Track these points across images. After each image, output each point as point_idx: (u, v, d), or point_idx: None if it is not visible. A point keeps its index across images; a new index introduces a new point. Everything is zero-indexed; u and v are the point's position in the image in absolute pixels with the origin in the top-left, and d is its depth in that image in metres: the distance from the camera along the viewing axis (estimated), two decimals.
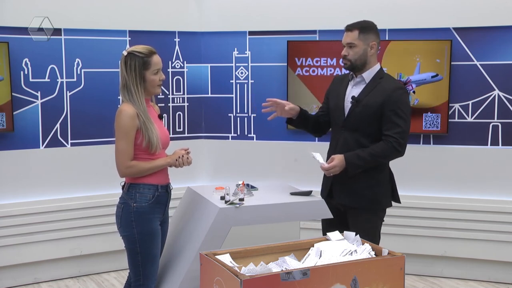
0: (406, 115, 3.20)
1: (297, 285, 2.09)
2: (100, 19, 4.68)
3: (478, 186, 4.58)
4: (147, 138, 2.91)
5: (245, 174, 4.28)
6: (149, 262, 2.98)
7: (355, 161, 3.16)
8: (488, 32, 4.48)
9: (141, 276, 2.98)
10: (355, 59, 3.23)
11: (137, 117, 2.90)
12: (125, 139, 2.90)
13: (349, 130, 3.26)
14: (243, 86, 5.04)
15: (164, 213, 3.09)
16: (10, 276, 4.45)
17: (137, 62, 2.93)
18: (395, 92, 3.20)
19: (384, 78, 3.27)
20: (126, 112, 2.90)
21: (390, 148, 3.16)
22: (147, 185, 2.97)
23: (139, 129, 2.91)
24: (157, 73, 2.98)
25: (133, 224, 2.94)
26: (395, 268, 2.29)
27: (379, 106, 3.18)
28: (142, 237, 2.94)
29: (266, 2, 4.95)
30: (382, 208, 3.33)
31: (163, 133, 3.05)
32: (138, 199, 2.95)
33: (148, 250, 2.96)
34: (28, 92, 4.47)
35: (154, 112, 3.08)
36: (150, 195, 2.97)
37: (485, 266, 4.57)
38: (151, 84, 2.97)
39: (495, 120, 4.52)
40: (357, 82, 3.30)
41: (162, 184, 3.03)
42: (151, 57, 2.96)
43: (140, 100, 2.93)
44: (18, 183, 4.48)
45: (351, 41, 3.23)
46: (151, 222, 2.97)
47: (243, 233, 3.28)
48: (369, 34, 3.24)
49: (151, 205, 2.97)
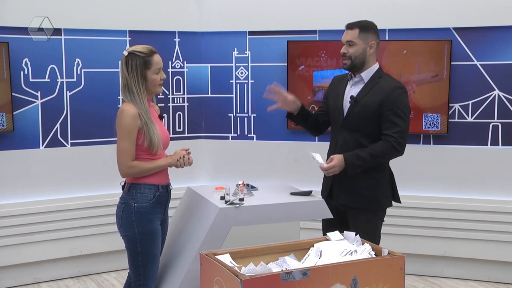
0: (406, 114, 3.20)
1: (297, 285, 2.09)
2: (100, 19, 4.68)
3: (478, 186, 4.58)
4: (149, 138, 2.91)
5: (245, 174, 4.28)
6: (150, 262, 2.98)
7: (354, 161, 3.16)
8: (488, 32, 4.48)
9: (142, 276, 2.98)
10: (354, 57, 3.23)
11: (139, 117, 2.90)
12: (127, 139, 2.90)
13: (348, 130, 3.26)
14: (243, 86, 5.05)
15: (164, 213, 3.09)
16: (10, 276, 4.45)
17: (138, 61, 2.93)
18: (394, 91, 3.20)
19: (383, 77, 3.27)
20: (128, 112, 2.90)
21: (389, 147, 3.16)
22: (148, 185, 2.97)
23: (141, 129, 2.91)
24: (158, 73, 2.98)
25: (134, 224, 2.94)
26: (395, 268, 2.29)
27: (378, 106, 3.18)
28: (143, 237, 2.94)
29: (266, 2, 4.95)
30: (382, 208, 3.32)
31: (163, 133, 3.05)
32: (139, 199, 2.95)
33: (148, 250, 2.96)
34: (28, 92, 4.47)
35: (154, 112, 3.08)
36: (151, 195, 2.97)
37: (485, 266, 4.57)
38: (153, 83, 2.98)
39: (495, 120, 4.52)
40: (355, 81, 3.30)
41: (163, 184, 3.03)
42: (152, 57, 2.96)
43: (142, 100, 2.93)
44: (18, 183, 4.48)
45: (351, 39, 3.24)
46: (152, 222, 2.97)
47: (243, 233, 3.28)
48: (369, 34, 3.24)
49: (152, 205, 2.97)
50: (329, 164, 3.17)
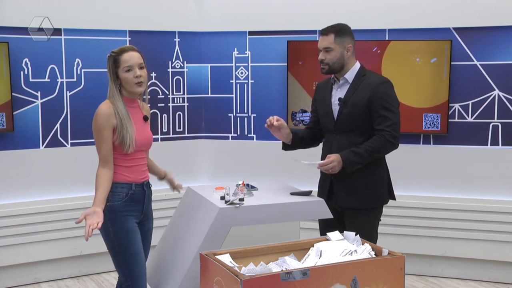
0: (395, 107, 3.22)
1: (297, 285, 2.09)
2: (100, 19, 4.68)
3: (478, 186, 4.58)
4: (121, 137, 2.89)
5: (245, 174, 4.28)
6: (132, 261, 2.94)
7: (351, 158, 3.16)
8: (488, 32, 4.48)
9: (128, 276, 2.95)
10: (332, 62, 3.25)
11: (114, 115, 2.88)
12: (98, 139, 2.91)
13: (341, 132, 3.27)
14: (243, 86, 5.05)
15: (144, 211, 3.04)
16: (10, 276, 4.45)
17: (110, 61, 2.94)
18: (380, 86, 3.22)
19: (366, 74, 3.29)
20: (101, 111, 2.88)
21: (384, 141, 3.17)
22: (119, 183, 2.95)
23: (115, 128, 2.89)
24: (128, 71, 2.91)
25: (108, 223, 2.90)
26: (395, 268, 2.29)
27: (367, 102, 3.19)
28: (118, 235, 2.92)
29: (266, 2, 4.95)
30: (380, 205, 3.34)
31: (142, 134, 2.98)
32: (111, 198, 2.93)
33: (127, 248, 2.93)
34: (28, 92, 4.47)
35: (140, 112, 3.03)
36: (123, 193, 2.95)
37: (485, 266, 4.57)
38: (125, 82, 2.92)
39: (495, 120, 4.52)
40: (341, 84, 3.32)
41: (137, 182, 2.99)
42: (121, 55, 2.92)
43: (118, 99, 2.92)
44: (18, 183, 4.48)
45: (328, 45, 3.25)
46: (126, 220, 2.94)
47: (243, 233, 3.28)
48: (344, 37, 3.25)
49: (125, 203, 2.94)
50: (327, 160, 3.16)
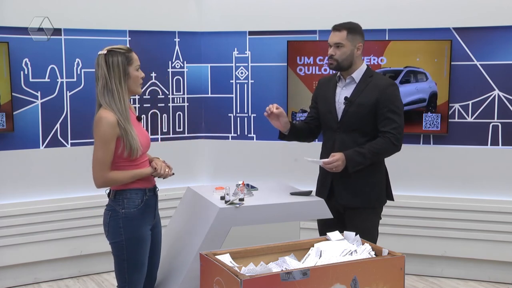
0: (401, 110, 3.25)
1: (297, 285, 2.09)
2: (100, 19, 4.68)
3: (478, 186, 4.58)
4: (129, 146, 2.79)
5: (245, 174, 4.28)
6: (136, 270, 2.89)
7: (355, 157, 3.16)
8: (488, 32, 4.48)
9: (127, 283, 2.90)
10: (342, 59, 3.25)
11: (118, 124, 2.78)
12: (102, 149, 2.78)
13: (345, 131, 3.27)
14: (243, 86, 5.04)
15: (155, 217, 3.01)
16: (10, 276, 4.45)
17: (120, 58, 2.83)
18: (388, 88, 3.23)
19: (373, 76, 3.30)
20: (106, 120, 2.77)
21: (388, 143, 3.19)
22: (134, 190, 2.87)
23: (120, 137, 2.79)
24: (138, 70, 2.90)
25: (121, 230, 2.84)
26: (395, 268, 2.29)
27: (374, 103, 3.20)
28: (130, 243, 2.85)
29: (266, 2, 4.94)
30: (380, 205, 3.34)
31: (143, 135, 2.93)
32: (127, 205, 2.84)
33: (135, 257, 2.88)
34: (28, 92, 4.47)
35: (133, 114, 2.97)
36: (138, 200, 2.87)
37: (485, 266, 4.57)
38: (134, 80, 2.88)
39: (495, 120, 4.52)
40: (347, 83, 3.31)
41: (149, 187, 2.94)
42: (131, 53, 2.89)
43: (122, 100, 2.82)
44: (18, 183, 4.48)
45: (339, 41, 3.25)
46: (141, 228, 2.88)
47: (243, 233, 3.28)
48: (356, 36, 3.26)
49: (141, 210, 2.87)
50: (332, 158, 3.16)
